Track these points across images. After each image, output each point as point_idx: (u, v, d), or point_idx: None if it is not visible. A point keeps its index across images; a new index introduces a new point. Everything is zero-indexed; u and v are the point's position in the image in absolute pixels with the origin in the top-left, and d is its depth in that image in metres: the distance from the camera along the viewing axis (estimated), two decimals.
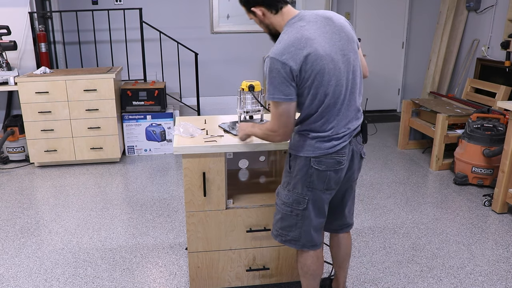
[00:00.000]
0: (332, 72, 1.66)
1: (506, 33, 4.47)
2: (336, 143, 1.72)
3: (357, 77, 1.76)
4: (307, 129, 1.73)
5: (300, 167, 1.76)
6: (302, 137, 1.75)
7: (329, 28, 1.69)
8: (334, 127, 1.71)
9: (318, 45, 1.63)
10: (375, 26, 6.14)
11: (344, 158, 1.76)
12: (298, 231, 1.85)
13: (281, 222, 1.89)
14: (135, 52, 5.07)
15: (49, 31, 4.96)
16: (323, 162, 1.73)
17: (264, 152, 2.50)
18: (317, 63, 1.62)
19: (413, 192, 3.72)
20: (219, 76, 6.01)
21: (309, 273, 1.98)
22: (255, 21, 1.84)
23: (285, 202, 1.85)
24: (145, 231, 3.04)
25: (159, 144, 4.64)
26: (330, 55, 1.65)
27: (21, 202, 3.50)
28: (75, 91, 4.06)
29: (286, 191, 1.84)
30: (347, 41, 1.72)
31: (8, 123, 4.33)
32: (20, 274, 2.55)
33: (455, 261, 2.69)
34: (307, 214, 1.82)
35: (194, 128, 2.16)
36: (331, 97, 1.68)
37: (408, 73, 6.41)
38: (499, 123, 3.70)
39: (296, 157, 1.77)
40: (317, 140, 1.72)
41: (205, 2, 5.73)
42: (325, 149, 1.71)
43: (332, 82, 1.66)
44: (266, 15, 1.76)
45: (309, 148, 1.73)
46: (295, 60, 1.61)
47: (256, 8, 1.75)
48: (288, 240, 1.90)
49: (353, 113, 1.77)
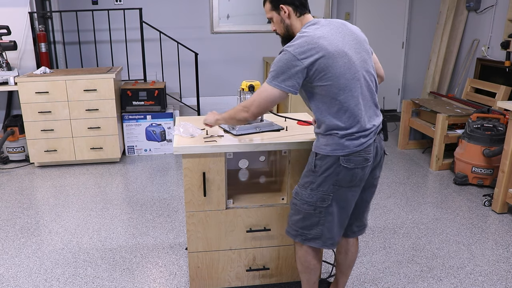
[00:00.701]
0: (346, 66, 1.71)
1: (506, 33, 4.47)
2: (363, 140, 1.75)
3: (372, 75, 1.82)
4: (334, 128, 1.75)
5: (328, 166, 1.78)
6: (331, 137, 1.77)
7: (342, 29, 1.79)
8: (359, 123, 1.74)
9: (330, 42, 1.70)
10: (375, 26, 6.14)
11: (371, 155, 1.79)
12: (320, 229, 1.86)
13: (302, 222, 1.89)
14: (135, 52, 5.07)
15: (49, 31, 4.96)
16: (352, 160, 1.75)
17: (264, 152, 2.50)
18: (329, 58, 1.68)
19: (413, 192, 3.72)
20: (219, 76, 6.01)
21: (309, 268, 1.99)
22: (274, 20, 1.90)
23: (307, 202, 1.85)
24: (145, 231, 3.04)
25: (159, 144, 4.64)
26: (344, 50, 1.71)
27: (21, 202, 3.50)
28: (75, 91, 4.06)
29: (309, 190, 1.84)
30: (360, 42, 1.81)
31: (8, 123, 4.33)
32: (20, 274, 2.55)
33: (455, 261, 2.69)
34: (330, 210, 1.83)
35: (194, 128, 2.16)
36: (348, 90, 1.71)
37: (408, 73, 6.41)
38: (499, 123, 3.70)
39: (325, 157, 1.78)
40: (346, 138, 1.74)
41: (205, 2, 5.73)
42: (354, 147, 1.74)
43: (347, 75, 1.70)
44: (291, 15, 1.84)
45: (337, 147, 1.75)
46: (307, 56, 1.67)
47: (285, 5, 1.83)
48: (309, 239, 1.90)
49: (373, 110, 1.82)
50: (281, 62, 1.71)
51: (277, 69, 1.72)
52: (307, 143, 2.06)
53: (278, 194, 2.29)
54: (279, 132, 2.22)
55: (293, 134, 2.18)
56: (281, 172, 2.32)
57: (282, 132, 2.22)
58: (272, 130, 2.23)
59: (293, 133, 2.19)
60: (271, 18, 1.90)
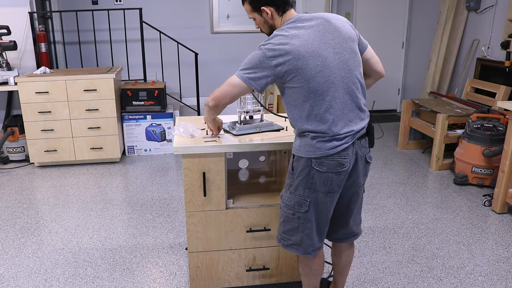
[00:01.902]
0: (318, 68, 1.65)
1: (506, 33, 4.47)
2: (337, 143, 1.69)
3: (354, 76, 1.73)
4: (305, 129, 1.72)
5: (302, 168, 1.74)
6: (303, 138, 1.74)
7: (323, 28, 1.71)
8: (331, 126, 1.69)
9: (304, 43, 1.65)
10: (375, 26, 6.14)
11: (347, 160, 1.72)
12: (300, 235, 1.83)
13: (284, 226, 1.88)
14: (135, 52, 5.07)
15: (49, 31, 4.96)
16: (324, 163, 1.70)
17: (264, 152, 2.50)
18: (299, 59, 1.64)
19: (413, 192, 3.72)
20: (219, 76, 6.00)
21: (311, 272, 1.98)
22: (257, 21, 1.86)
23: (287, 205, 1.83)
24: (145, 231, 3.04)
25: (159, 144, 4.64)
26: (318, 52, 1.66)
27: (21, 202, 3.50)
28: (75, 91, 4.06)
29: (288, 193, 1.82)
30: (342, 40, 1.72)
31: (8, 123, 4.33)
32: (20, 274, 2.55)
33: (455, 261, 2.69)
34: (309, 217, 1.79)
35: (194, 128, 2.16)
36: (319, 94, 1.67)
37: (408, 73, 6.41)
38: (499, 123, 3.70)
39: (299, 158, 1.76)
40: (317, 140, 1.70)
41: (205, 2, 5.73)
42: (325, 150, 1.69)
43: (318, 78, 1.66)
44: (274, 15, 1.80)
45: (310, 148, 1.71)
46: (276, 56, 1.65)
47: (266, 7, 1.79)
48: (290, 245, 1.88)
49: (355, 114, 1.73)
50: (252, 57, 1.70)
51: (247, 62, 1.71)
52: None
53: (278, 194, 2.29)
54: (279, 132, 2.22)
55: (293, 134, 2.17)
56: (281, 172, 2.32)
57: (282, 132, 2.22)
58: (272, 130, 2.23)
59: (293, 133, 2.19)
60: (253, 18, 1.87)
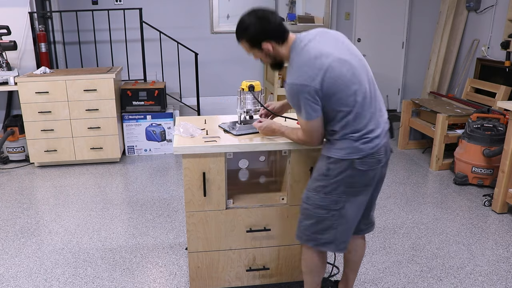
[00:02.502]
0: (351, 72, 1.71)
1: (506, 33, 4.47)
2: (377, 141, 1.77)
3: (371, 74, 1.82)
4: (349, 132, 1.75)
5: (342, 170, 1.77)
6: (346, 141, 1.76)
7: (329, 36, 1.79)
8: (373, 123, 1.76)
9: (329, 53, 1.70)
10: (375, 26, 6.14)
11: (382, 156, 1.80)
12: (333, 233, 1.86)
13: (315, 226, 1.88)
14: (135, 52, 5.07)
15: (49, 31, 4.96)
16: (366, 162, 1.76)
17: (264, 152, 2.50)
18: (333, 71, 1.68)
19: (413, 192, 3.72)
20: (219, 76, 6.01)
21: (315, 270, 2.00)
22: (256, 56, 1.88)
23: (320, 206, 1.84)
24: (145, 231, 3.04)
25: (159, 144, 4.64)
26: (341, 58, 1.71)
27: (21, 202, 3.50)
28: (75, 91, 4.06)
29: (321, 194, 1.83)
30: (348, 45, 1.81)
31: (8, 123, 4.33)
32: (20, 274, 2.55)
33: (455, 261, 2.69)
34: (343, 213, 1.83)
35: (194, 128, 2.16)
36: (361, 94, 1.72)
37: (408, 73, 6.41)
38: (499, 123, 3.70)
39: (339, 160, 1.77)
40: (361, 141, 1.74)
41: (205, 2, 5.73)
42: (368, 150, 1.75)
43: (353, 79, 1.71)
44: (275, 47, 1.82)
45: (353, 150, 1.75)
46: (312, 78, 1.67)
47: (266, 43, 1.79)
48: (322, 244, 1.90)
49: (383, 110, 1.85)
50: (292, 97, 1.73)
51: (295, 104, 1.75)
52: None
53: (278, 194, 2.29)
54: None
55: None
56: (281, 172, 2.32)
57: None
58: None
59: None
60: (252, 53, 1.88)
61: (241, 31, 1.83)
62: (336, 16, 6.06)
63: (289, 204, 2.19)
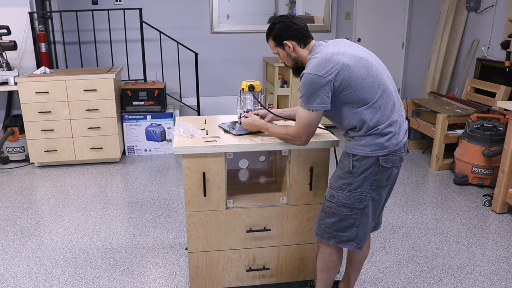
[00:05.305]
0: (367, 67, 1.78)
1: (506, 33, 4.47)
2: (400, 138, 1.82)
3: (387, 71, 1.90)
4: (375, 126, 1.78)
5: (367, 167, 1.81)
6: (370, 137, 1.80)
7: (346, 41, 1.91)
8: (395, 115, 1.80)
9: (344, 52, 1.78)
10: (375, 26, 6.14)
11: (403, 153, 1.86)
12: (355, 230, 1.89)
13: (338, 224, 1.91)
14: (135, 52, 5.07)
15: (49, 31, 4.95)
16: (390, 159, 1.81)
17: (264, 152, 2.50)
18: (349, 66, 1.75)
19: (413, 192, 3.72)
20: (219, 76, 6.01)
21: (332, 267, 2.04)
22: (280, 55, 1.98)
23: (345, 203, 1.87)
24: (145, 231, 3.04)
25: (159, 144, 4.64)
26: (358, 55, 1.80)
27: (21, 202, 3.50)
28: (75, 91, 4.06)
29: (346, 192, 1.86)
30: (365, 49, 1.91)
31: (8, 123, 4.33)
32: (20, 274, 2.55)
33: (455, 261, 2.69)
34: (366, 211, 1.87)
35: (194, 128, 2.16)
36: (380, 88, 1.78)
37: (408, 73, 6.41)
38: (499, 123, 3.70)
39: (364, 158, 1.81)
40: (385, 138, 1.78)
41: (205, 2, 5.73)
42: (392, 147, 1.79)
43: (371, 73, 1.77)
44: (296, 48, 1.92)
45: (377, 147, 1.79)
46: (328, 71, 1.74)
47: (288, 41, 1.91)
48: (343, 241, 1.93)
49: (401, 107, 1.88)
50: (306, 85, 1.77)
51: (305, 93, 1.78)
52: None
53: (278, 194, 2.29)
54: None
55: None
56: (281, 172, 2.32)
57: None
58: None
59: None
60: (277, 53, 1.97)
61: (269, 29, 1.96)
62: (336, 16, 6.06)
63: (289, 204, 2.19)
